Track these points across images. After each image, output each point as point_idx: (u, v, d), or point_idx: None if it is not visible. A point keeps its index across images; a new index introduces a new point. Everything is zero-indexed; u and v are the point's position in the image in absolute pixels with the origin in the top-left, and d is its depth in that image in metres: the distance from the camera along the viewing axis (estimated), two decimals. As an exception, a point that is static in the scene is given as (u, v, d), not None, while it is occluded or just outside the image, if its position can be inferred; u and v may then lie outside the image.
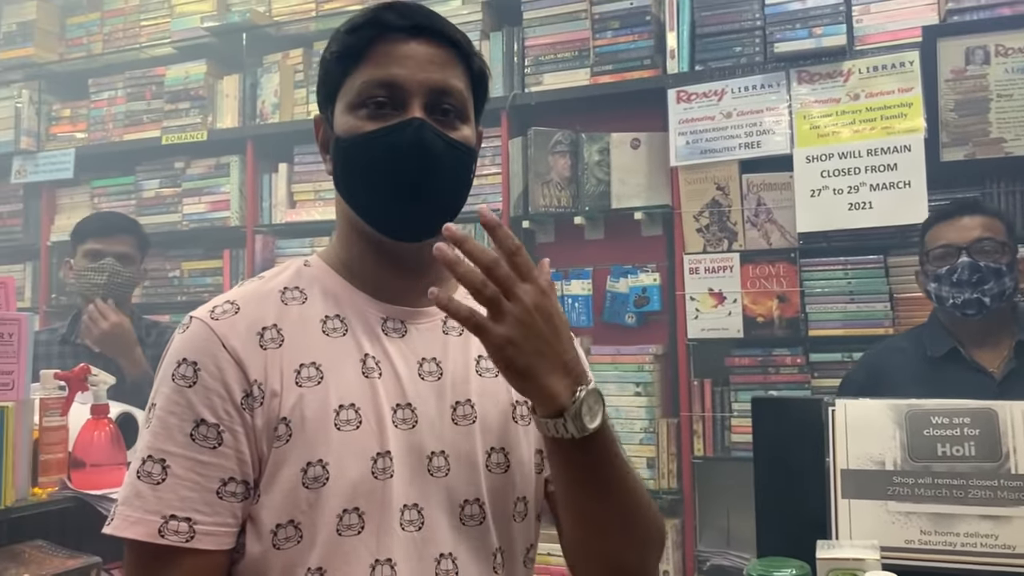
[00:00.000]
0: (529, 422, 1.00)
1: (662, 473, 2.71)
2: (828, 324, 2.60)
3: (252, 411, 0.89)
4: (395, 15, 0.94)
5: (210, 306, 0.95)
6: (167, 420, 0.88)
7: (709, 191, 2.73)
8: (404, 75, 0.92)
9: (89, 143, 3.66)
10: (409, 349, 0.97)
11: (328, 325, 0.95)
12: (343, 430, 0.90)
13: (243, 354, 0.90)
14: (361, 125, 0.93)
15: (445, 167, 0.93)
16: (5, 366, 1.62)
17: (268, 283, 0.98)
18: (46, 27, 3.79)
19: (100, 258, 2.39)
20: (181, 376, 0.89)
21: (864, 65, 2.59)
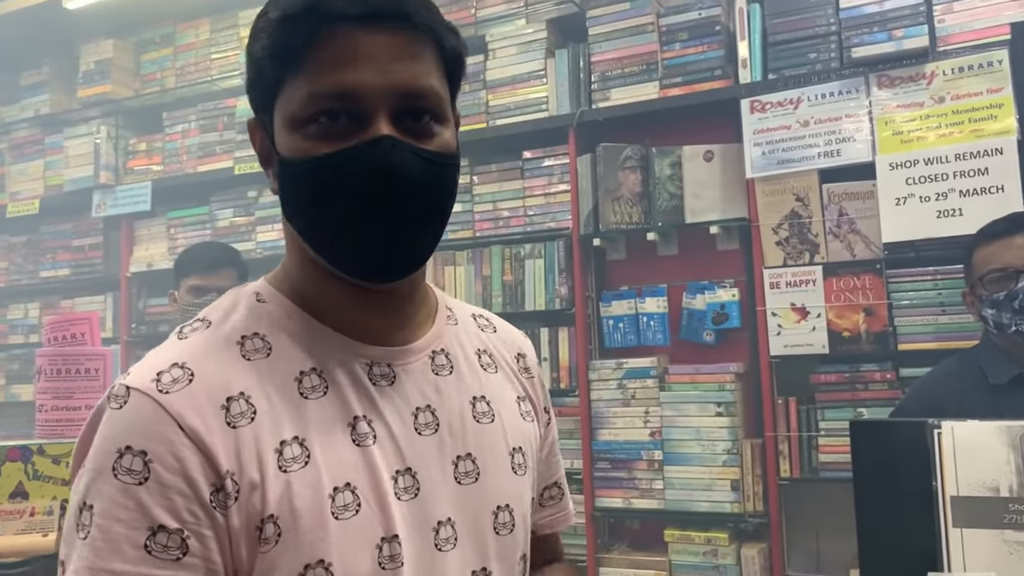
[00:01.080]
0: (525, 471, 0.90)
1: (747, 496, 2.62)
2: (919, 337, 2.49)
3: (226, 509, 0.70)
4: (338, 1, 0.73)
5: (151, 371, 0.73)
6: (111, 529, 0.68)
7: (788, 202, 2.65)
8: (362, 81, 0.73)
9: (164, 175, 3.74)
10: (401, 399, 0.81)
11: (305, 383, 0.77)
12: (341, 519, 0.74)
13: (207, 437, 0.71)
14: (311, 147, 0.74)
15: (425, 191, 0.76)
16: (91, 401, 1.62)
17: (219, 330, 0.78)
18: (122, 64, 3.90)
19: (203, 294, 2.41)
20: (126, 470, 0.69)
21: (949, 66, 2.48)
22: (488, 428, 0.88)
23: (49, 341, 1.67)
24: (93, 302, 3.88)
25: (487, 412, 0.89)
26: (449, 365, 0.87)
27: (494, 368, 0.94)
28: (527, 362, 0.99)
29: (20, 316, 4.09)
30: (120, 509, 0.69)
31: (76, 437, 1.56)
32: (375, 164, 0.73)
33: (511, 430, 0.91)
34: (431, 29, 0.77)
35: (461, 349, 0.91)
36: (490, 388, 0.91)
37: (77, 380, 1.63)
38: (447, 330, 0.90)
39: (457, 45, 0.81)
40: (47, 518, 1.51)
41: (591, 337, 2.94)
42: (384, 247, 0.76)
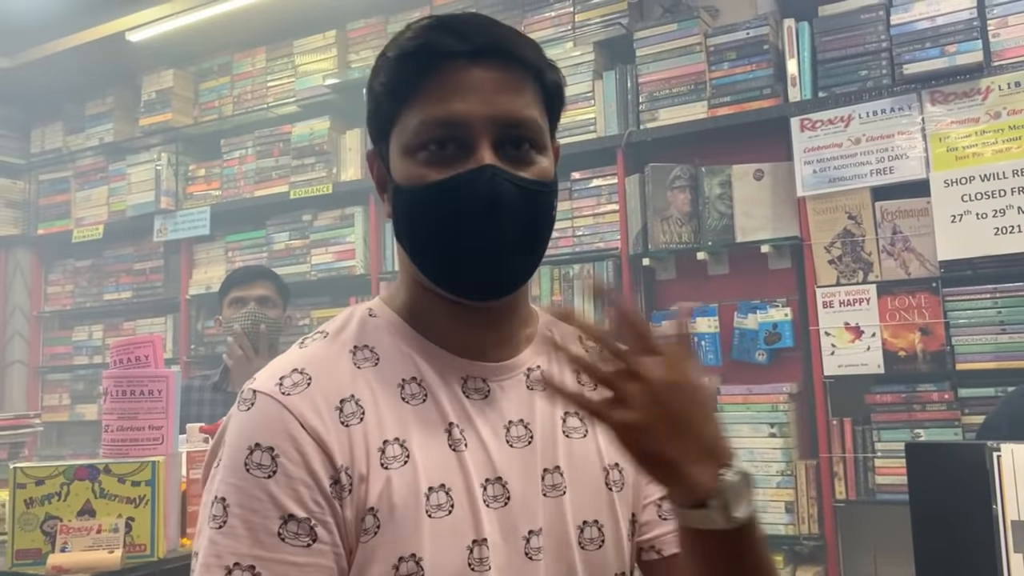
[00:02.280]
0: (622, 488, 0.91)
1: (802, 518, 2.59)
2: (978, 357, 2.44)
3: (341, 500, 0.77)
4: (451, 36, 0.80)
5: (274, 376, 0.81)
6: (248, 519, 0.75)
7: (840, 220, 2.62)
8: (467, 111, 0.79)
9: (222, 200, 3.85)
10: (494, 412, 0.85)
11: (406, 390, 0.83)
12: (435, 517, 0.78)
13: (325, 435, 0.77)
14: (423, 173, 0.81)
15: (526, 218, 0.81)
16: (155, 421, 1.69)
17: (334, 342, 0.86)
18: (182, 93, 4.03)
19: (243, 305, 2.51)
20: (256, 465, 0.76)
21: (1004, 81, 2.44)
22: (579, 443, 0.89)
23: (115, 363, 1.72)
24: (154, 324, 4.00)
25: (579, 427, 0.90)
26: (543, 382, 0.89)
27: (592, 385, 0.93)
28: None
29: (84, 338, 4.23)
30: (254, 501, 0.75)
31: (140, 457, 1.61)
32: (477, 192, 0.79)
33: (607, 446, 0.90)
34: (532, 65, 0.83)
35: (559, 367, 0.92)
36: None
37: (141, 401, 1.68)
38: (546, 349, 0.93)
39: (556, 79, 0.87)
40: (113, 535, 1.55)
41: (641, 357, 2.93)
42: (482, 269, 0.81)
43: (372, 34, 3.65)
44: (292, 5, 3.61)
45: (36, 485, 1.56)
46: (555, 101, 0.87)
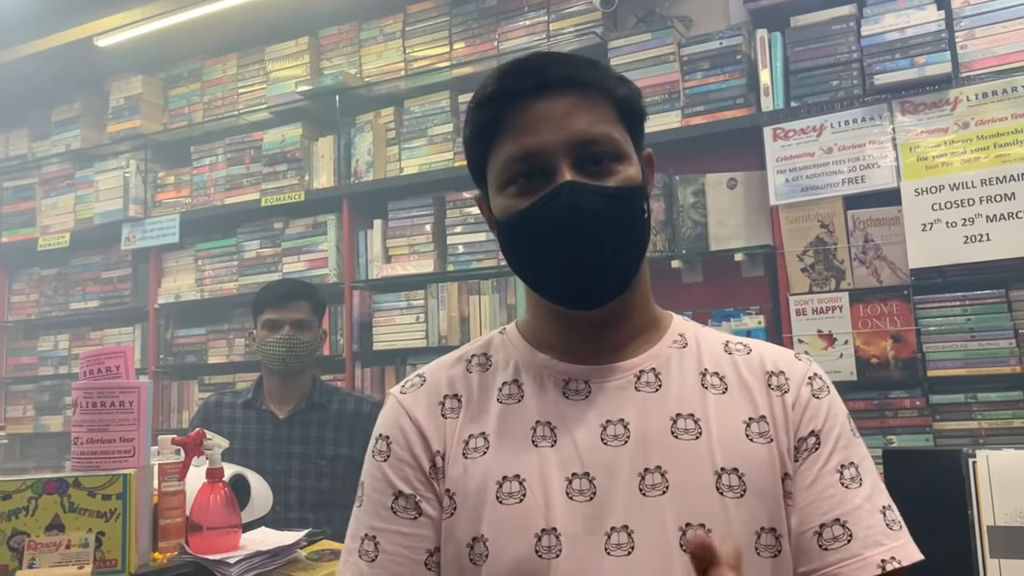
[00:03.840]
0: (742, 494, 0.85)
1: (776, 524, 2.60)
2: (948, 364, 2.47)
3: (438, 481, 0.90)
4: (518, 77, 0.88)
5: (405, 381, 0.99)
6: (372, 496, 0.91)
7: (813, 229, 2.65)
8: (540, 141, 0.86)
9: (192, 208, 3.80)
10: (593, 411, 0.89)
11: (503, 391, 0.93)
12: (505, 504, 0.86)
13: (425, 424, 0.92)
14: (514, 204, 0.88)
15: (610, 223, 0.86)
16: (126, 433, 1.65)
17: (460, 352, 1.00)
18: (151, 99, 3.98)
19: (278, 327, 2.40)
20: (378, 451, 0.93)
21: (972, 92, 2.48)
22: (689, 445, 0.87)
23: (85, 374, 1.69)
24: (122, 334, 3.94)
25: (691, 429, 0.88)
26: (657, 383, 0.91)
27: (721, 389, 0.91)
28: (785, 378, 0.92)
29: (50, 348, 4.15)
30: (376, 481, 0.92)
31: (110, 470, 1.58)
32: (558, 207, 0.85)
33: (723, 449, 0.87)
34: (598, 86, 0.89)
35: (679, 370, 0.92)
36: (705, 407, 0.89)
37: (112, 413, 1.64)
38: (667, 352, 0.94)
39: (629, 93, 0.91)
40: (83, 550, 1.52)
41: (616, 365, 2.93)
42: (574, 278, 0.87)
43: (345, 41, 3.63)
44: (263, 12, 3.58)
45: (3, 499, 1.52)
46: (631, 113, 0.91)
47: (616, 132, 0.88)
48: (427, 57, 3.43)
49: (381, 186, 3.37)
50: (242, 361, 3.62)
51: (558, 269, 0.87)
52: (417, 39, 3.46)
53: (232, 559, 1.62)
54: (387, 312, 3.33)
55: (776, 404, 0.90)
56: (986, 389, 2.43)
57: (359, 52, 3.59)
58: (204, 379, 3.71)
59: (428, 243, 3.28)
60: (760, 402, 0.90)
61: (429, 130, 3.35)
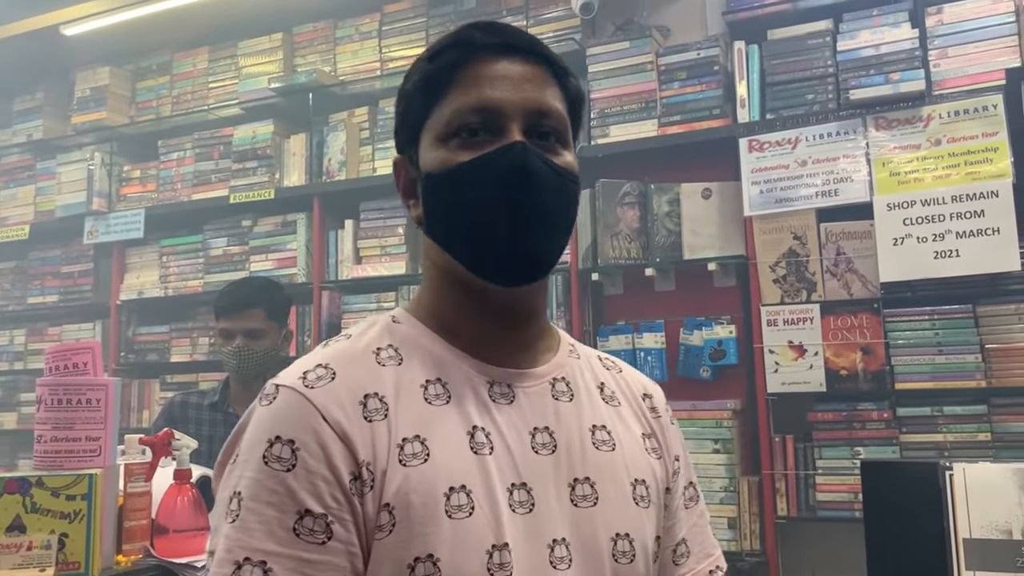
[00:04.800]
0: (648, 505, 0.90)
1: (744, 534, 2.61)
2: (916, 377, 2.50)
3: (362, 496, 0.75)
4: (482, 33, 0.85)
5: (298, 371, 0.81)
6: (263, 512, 0.73)
7: (785, 241, 2.67)
8: (499, 97, 0.82)
9: (158, 203, 3.72)
10: (519, 418, 0.84)
11: (430, 391, 0.82)
12: (455, 518, 0.76)
13: (348, 429, 0.76)
14: (454, 156, 0.82)
15: (554, 196, 0.83)
16: (92, 432, 1.60)
17: (357, 342, 0.86)
18: (118, 91, 3.90)
19: (231, 337, 2.35)
20: (276, 458, 0.75)
21: (944, 110, 2.52)
22: (607, 456, 0.88)
23: (50, 370, 1.64)
24: (81, 330, 3.84)
25: (607, 441, 0.89)
26: (569, 392, 0.90)
27: (616, 402, 0.94)
28: (654, 402, 0.99)
29: (5, 343, 4.03)
30: (271, 494, 0.74)
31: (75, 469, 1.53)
32: (513, 164, 0.80)
33: (633, 462, 0.90)
34: (557, 65, 0.87)
35: (583, 380, 0.93)
36: (611, 419, 0.92)
37: (78, 411, 1.59)
38: (569, 361, 0.93)
39: (578, 86, 0.90)
40: (45, 552, 1.47)
41: (588, 372, 2.93)
42: (516, 244, 0.81)
43: (319, 39, 3.59)
44: (237, 6, 3.53)
45: (-38, 499, 1.47)
46: (576, 106, 0.90)
47: (565, 115, 0.87)
48: (403, 58, 3.40)
49: (353, 186, 3.34)
50: (205, 360, 3.56)
51: (497, 229, 0.81)
52: (393, 39, 3.44)
53: (199, 563, 1.59)
54: (357, 314, 3.29)
55: (656, 425, 0.97)
56: (952, 403, 2.47)
57: (334, 50, 3.55)
58: (166, 378, 3.64)
59: (400, 245, 3.25)
60: (643, 420, 0.96)
61: (403, 131, 3.31)
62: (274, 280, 2.72)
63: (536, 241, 0.83)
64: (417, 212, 0.88)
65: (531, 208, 0.81)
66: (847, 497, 2.51)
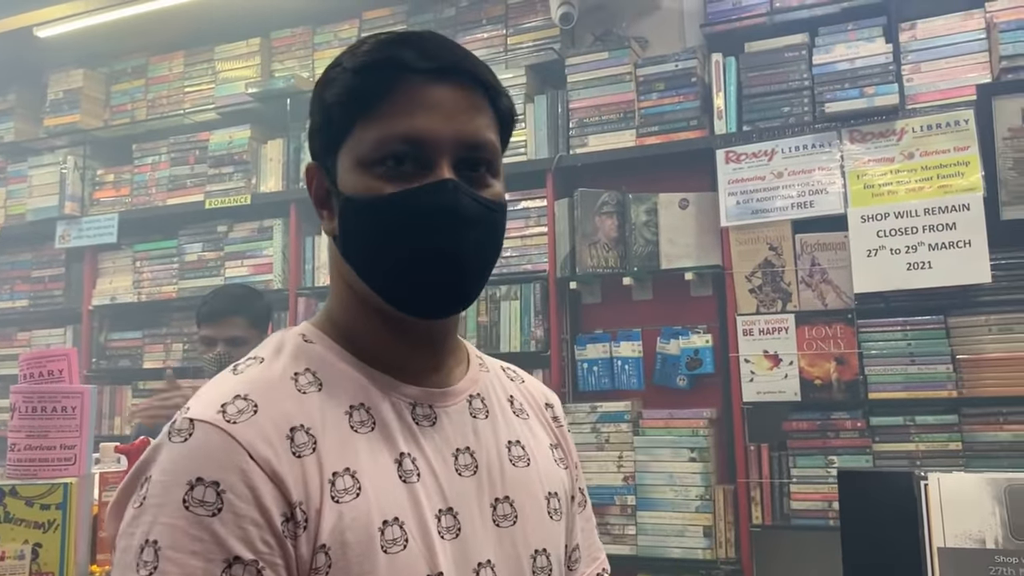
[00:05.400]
0: (561, 517, 0.91)
1: (719, 542, 2.63)
2: (889, 387, 2.54)
3: (295, 539, 0.71)
4: (415, 53, 0.79)
5: (214, 403, 0.74)
6: (186, 563, 0.67)
7: (761, 251, 2.70)
8: (431, 128, 0.78)
9: (132, 208, 3.68)
10: (442, 440, 0.83)
11: (354, 418, 0.79)
12: (390, 552, 0.74)
13: (278, 467, 0.71)
14: (379, 186, 0.78)
15: (483, 235, 0.80)
16: (67, 440, 1.58)
17: (272, 366, 0.80)
18: (92, 94, 3.86)
19: (212, 345, 2.36)
20: (198, 502, 0.69)
21: (917, 124, 2.56)
22: (524, 472, 0.89)
23: (24, 377, 1.61)
24: (52, 335, 3.79)
25: (522, 456, 0.90)
26: (485, 409, 0.89)
27: (526, 415, 0.95)
28: (555, 412, 1.01)
29: (-27, 348, 3.97)
30: (194, 542, 0.68)
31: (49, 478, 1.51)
32: (440, 204, 0.77)
33: (545, 475, 0.91)
34: (491, 88, 0.83)
35: (495, 394, 0.93)
36: (524, 433, 0.92)
37: (53, 418, 1.57)
38: (481, 376, 0.92)
39: (510, 106, 0.86)
40: (18, 563, 1.45)
41: (565, 380, 2.94)
42: (440, 283, 0.79)
43: (298, 44, 3.58)
44: (213, 11, 3.51)
45: (-67, 508, 1.44)
46: (507, 128, 0.87)
47: (496, 143, 0.83)
48: (382, 65, 3.39)
49: (331, 193, 3.32)
50: (179, 367, 3.51)
51: (426, 270, 0.78)
52: (372, 46, 3.43)
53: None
54: (333, 321, 3.27)
55: (559, 434, 0.99)
56: (924, 412, 2.51)
57: (312, 56, 3.54)
58: (138, 384, 3.59)
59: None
60: (550, 431, 0.98)
61: (382, 138, 3.31)
62: (255, 288, 2.70)
63: (460, 280, 0.80)
64: (331, 226, 0.84)
65: (458, 250, 0.79)
66: (821, 505, 2.53)
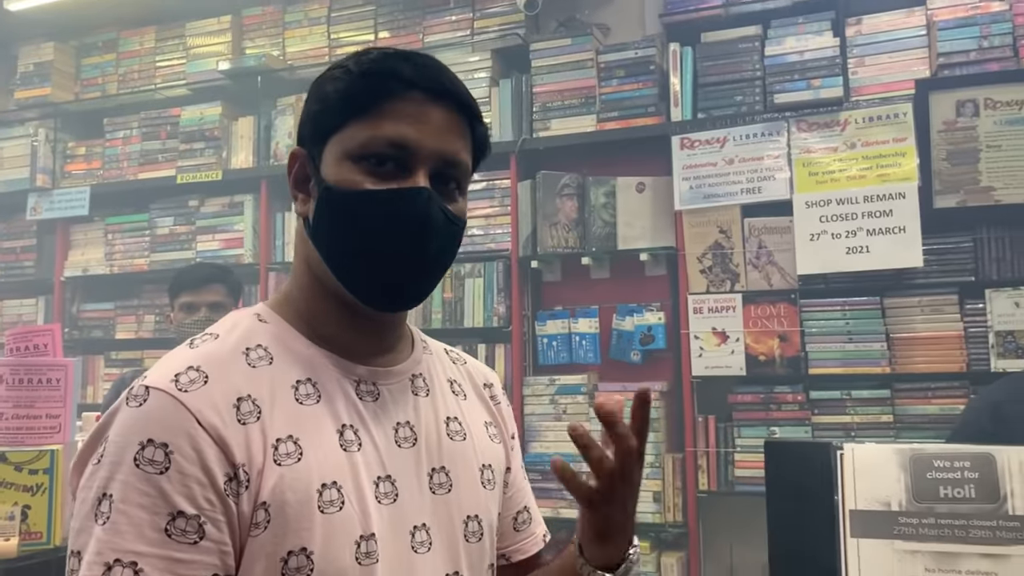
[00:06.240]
0: (493, 487, 1.01)
1: (667, 507, 2.80)
2: (827, 363, 2.71)
3: (237, 496, 0.78)
4: (415, 72, 0.87)
5: (168, 373, 0.81)
6: (133, 514, 0.75)
7: (712, 234, 2.84)
8: (417, 139, 0.85)
9: (104, 181, 3.74)
10: (384, 414, 0.91)
11: (300, 391, 0.86)
12: (327, 512, 0.81)
13: (224, 432, 0.79)
14: (359, 180, 0.85)
15: (443, 243, 0.88)
16: (53, 410, 1.69)
17: (225, 341, 0.87)
18: (62, 68, 3.89)
19: (195, 310, 2.48)
20: (148, 461, 0.76)
21: (860, 116, 2.71)
22: (460, 445, 0.97)
23: (11, 351, 1.72)
24: (24, 305, 3.85)
25: (459, 431, 0.98)
26: (426, 388, 0.97)
27: (464, 395, 1.04)
28: (493, 391, 1.10)
29: (-55, 317, 4.02)
30: (142, 496, 0.75)
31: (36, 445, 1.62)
32: (414, 209, 0.85)
33: (480, 449, 1.00)
34: (476, 116, 0.92)
35: (436, 375, 1.01)
36: (461, 411, 1.01)
37: (39, 389, 1.68)
38: (424, 358, 1.00)
39: (485, 134, 0.95)
40: (9, 523, 1.56)
41: (526, 354, 3.08)
42: (402, 280, 0.88)
43: (268, 22, 3.64)
44: (185, -14, 3.55)
45: (-72, 473, 1.54)
46: (480, 154, 0.95)
47: (468, 166, 0.92)
48: (351, 44, 3.47)
49: (301, 170, 3.40)
50: (151, 338, 3.61)
51: (389, 268, 0.86)
52: (342, 25, 3.50)
53: (156, 533, 1.69)
54: (303, 295, 3.37)
55: (496, 411, 1.07)
56: (859, 387, 2.68)
57: (283, 34, 3.60)
58: (111, 354, 3.68)
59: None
60: (486, 409, 1.06)
61: (351, 117, 3.39)
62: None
63: (417, 281, 0.89)
64: (305, 209, 0.90)
65: (421, 255, 0.86)
66: (762, 473, 2.69)
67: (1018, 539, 1.45)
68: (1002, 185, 2.55)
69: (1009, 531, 1.46)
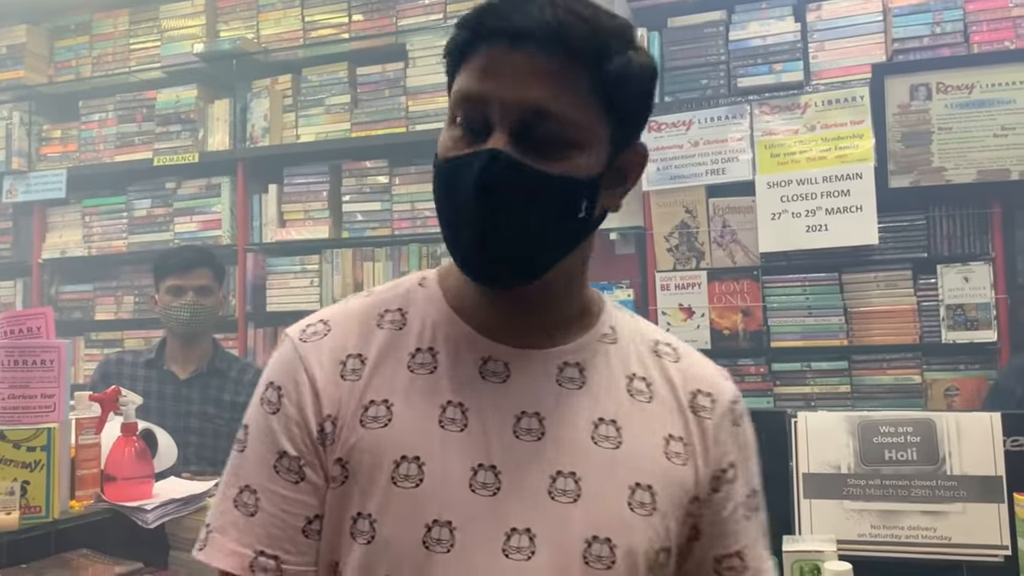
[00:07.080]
0: (651, 512, 0.82)
1: (637, 476, 2.91)
2: (788, 336, 2.83)
3: (325, 447, 0.81)
4: (496, 17, 0.76)
5: (304, 323, 0.87)
6: (257, 448, 0.82)
7: (678, 214, 2.94)
8: (490, 92, 0.75)
9: (80, 163, 3.76)
10: (509, 398, 0.82)
11: (416, 359, 0.83)
12: (400, 486, 0.78)
13: (321, 384, 0.82)
14: (448, 147, 0.79)
15: (526, 208, 0.76)
16: (47, 390, 1.76)
17: (372, 300, 0.88)
18: (35, 50, 3.89)
19: (182, 293, 2.51)
20: (267, 401, 0.83)
21: (819, 99, 2.82)
22: (607, 453, 0.82)
23: (6, 334, 1.78)
24: (2, 287, 3.88)
25: (612, 437, 0.83)
26: (580, 380, 0.85)
27: (646, 397, 0.87)
28: (705, 401, 0.89)
29: (-79, 300, 4.04)
30: (262, 433, 0.83)
31: (32, 424, 1.69)
32: (470, 175, 0.75)
33: (639, 464, 0.83)
34: (579, 53, 0.76)
35: (607, 368, 0.87)
36: (628, 415, 0.85)
37: (34, 371, 1.74)
38: (595, 347, 0.87)
39: (619, 70, 0.78)
40: (9, 498, 1.63)
41: (500, 331, 3.17)
42: (478, 253, 0.78)
43: (242, 5, 3.66)
44: (158, -32, 3.57)
45: (-69, 451, 1.61)
46: (616, 92, 0.78)
47: (582, 113, 0.77)
48: (326, 26, 3.51)
49: (277, 152, 3.46)
50: (131, 319, 3.66)
51: (461, 238, 0.79)
52: (316, 8, 3.53)
53: (149, 506, 1.77)
54: (281, 275, 3.44)
55: (696, 428, 0.87)
56: (819, 359, 2.81)
57: (257, 17, 3.63)
58: (91, 336, 3.72)
59: (324, 210, 3.40)
60: (682, 422, 0.87)
61: (327, 100, 3.44)
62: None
63: (493, 253, 0.78)
64: None
65: (483, 221, 0.76)
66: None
67: (955, 497, 1.58)
68: (952, 166, 2.67)
69: (947, 490, 1.59)
